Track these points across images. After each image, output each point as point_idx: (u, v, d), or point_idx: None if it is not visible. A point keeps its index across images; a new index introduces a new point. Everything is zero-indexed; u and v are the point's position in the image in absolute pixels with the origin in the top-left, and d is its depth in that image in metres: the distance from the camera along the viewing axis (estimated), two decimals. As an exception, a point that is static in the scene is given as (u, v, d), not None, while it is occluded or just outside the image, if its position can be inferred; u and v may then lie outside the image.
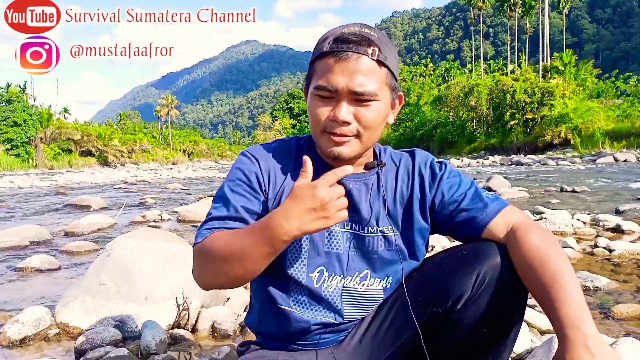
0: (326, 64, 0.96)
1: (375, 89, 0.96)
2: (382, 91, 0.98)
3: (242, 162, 1.07)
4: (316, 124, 1.00)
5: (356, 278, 1.06)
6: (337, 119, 0.96)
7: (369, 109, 0.97)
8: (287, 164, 1.07)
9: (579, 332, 0.81)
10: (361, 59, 0.94)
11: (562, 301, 0.85)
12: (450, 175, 1.09)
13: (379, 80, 0.97)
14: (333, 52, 0.95)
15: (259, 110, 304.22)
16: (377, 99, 0.97)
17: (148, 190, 11.32)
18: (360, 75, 0.95)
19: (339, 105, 0.96)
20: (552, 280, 0.88)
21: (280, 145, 1.12)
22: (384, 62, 0.97)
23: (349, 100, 0.96)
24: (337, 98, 0.97)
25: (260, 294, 1.10)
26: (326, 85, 0.96)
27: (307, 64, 1.05)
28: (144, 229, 3.15)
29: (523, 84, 35.41)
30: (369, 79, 0.95)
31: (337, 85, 0.95)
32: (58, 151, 43.57)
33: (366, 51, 0.95)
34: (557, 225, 3.89)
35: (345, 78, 0.94)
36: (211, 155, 75.54)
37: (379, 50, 0.96)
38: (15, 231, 4.28)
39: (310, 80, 1.02)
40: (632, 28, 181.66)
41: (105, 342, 1.74)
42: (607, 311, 2.03)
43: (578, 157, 23.04)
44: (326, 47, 0.96)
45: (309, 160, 0.94)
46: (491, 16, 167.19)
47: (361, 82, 0.95)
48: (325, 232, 1.04)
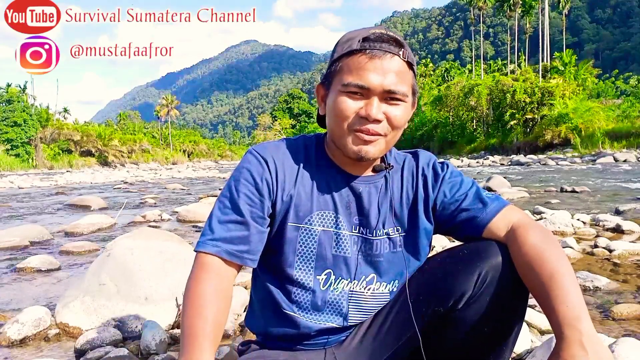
0: (357, 61, 0.95)
1: (406, 90, 0.97)
2: (409, 92, 0.99)
3: (250, 162, 1.04)
4: (342, 121, 0.98)
5: (362, 282, 1.06)
6: (369, 117, 0.95)
7: (398, 108, 0.98)
8: (296, 165, 1.05)
9: (576, 331, 0.81)
10: (394, 58, 0.95)
11: (560, 300, 0.85)
12: (452, 176, 1.10)
13: (408, 81, 0.98)
14: (365, 50, 0.95)
15: (258, 110, 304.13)
16: (406, 99, 0.98)
17: (148, 191, 11.32)
18: (394, 74, 0.95)
19: (371, 102, 0.96)
20: (551, 280, 0.88)
21: (288, 144, 1.08)
22: (413, 64, 0.98)
23: (380, 98, 0.96)
24: (367, 95, 0.96)
25: (261, 295, 1.10)
26: (358, 83, 0.95)
27: (307, 64, 1.06)
28: (144, 229, 3.15)
29: (523, 84, 35.42)
30: (402, 79, 0.96)
31: (371, 82, 0.94)
32: (58, 151, 43.59)
33: (398, 52, 0.95)
34: (557, 225, 3.88)
35: (379, 76, 0.94)
36: (211, 156, 75.50)
37: (408, 52, 0.97)
38: (15, 231, 4.28)
39: (332, 78, 1.00)
40: (632, 28, 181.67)
41: (105, 342, 1.73)
42: (607, 311, 2.02)
43: (578, 157, 23.02)
44: (356, 45, 0.96)
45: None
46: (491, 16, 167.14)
47: (395, 81, 0.95)
48: (334, 235, 1.04)
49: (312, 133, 1.14)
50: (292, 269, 1.03)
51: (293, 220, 1.02)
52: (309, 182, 1.04)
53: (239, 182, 1.02)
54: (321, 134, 1.12)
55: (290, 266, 1.03)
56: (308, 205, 1.03)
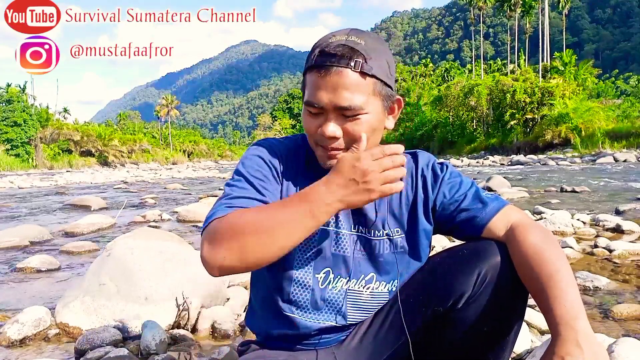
0: (312, 78, 0.95)
1: (361, 103, 0.93)
2: (370, 103, 0.95)
3: (260, 150, 1.05)
4: (310, 136, 1.01)
5: (361, 281, 1.06)
6: (324, 135, 0.95)
7: (357, 122, 0.95)
8: (298, 163, 1.07)
9: (572, 330, 0.81)
10: (343, 72, 0.91)
11: (557, 300, 0.85)
12: (451, 177, 1.10)
13: (365, 92, 0.93)
14: (318, 66, 0.93)
15: (258, 110, 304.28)
16: (365, 111, 0.94)
17: (148, 191, 11.32)
18: (343, 89, 0.92)
19: (326, 121, 0.95)
20: (549, 279, 0.88)
21: (289, 142, 1.10)
22: (369, 73, 0.93)
23: (337, 115, 0.94)
24: (324, 113, 0.95)
25: (261, 295, 1.10)
26: (312, 102, 0.95)
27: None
28: (144, 229, 3.15)
29: (523, 84, 35.42)
30: (354, 92, 0.92)
31: (322, 101, 0.93)
32: (58, 151, 43.62)
33: (348, 64, 0.91)
34: (557, 225, 3.88)
35: (329, 94, 0.92)
36: (211, 156, 75.53)
37: (363, 60, 0.92)
38: (15, 231, 4.28)
39: (303, 91, 1.01)
40: (632, 28, 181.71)
41: (105, 342, 1.73)
42: (607, 311, 2.02)
43: (578, 157, 23.02)
44: (312, 60, 0.95)
45: (364, 135, 0.92)
46: (491, 16, 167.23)
47: (345, 96, 0.92)
48: (333, 234, 1.04)
49: None
50: (292, 268, 1.03)
51: None
52: (309, 181, 1.04)
53: (252, 167, 1.01)
54: None
55: (290, 265, 1.03)
56: None
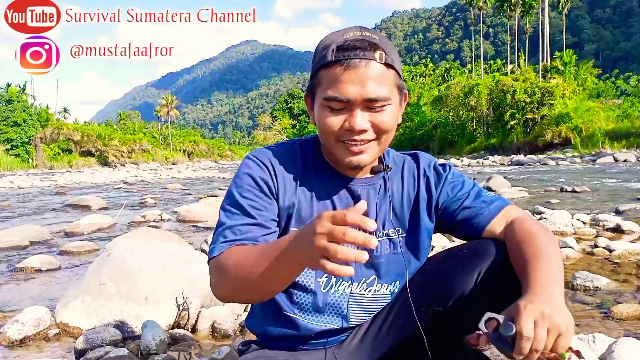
0: (333, 73, 0.92)
1: (387, 93, 0.94)
2: (393, 93, 0.96)
3: (250, 167, 1.03)
4: (329, 134, 0.97)
5: (363, 284, 1.06)
6: (354, 129, 0.94)
7: (383, 113, 0.95)
8: (294, 170, 1.05)
9: (544, 291, 0.82)
10: (370, 64, 0.91)
11: (538, 270, 0.87)
12: (454, 177, 1.11)
13: (389, 83, 0.95)
14: (339, 60, 0.92)
15: (258, 110, 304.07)
16: (390, 102, 0.96)
17: (148, 191, 11.32)
18: (371, 81, 0.92)
19: (354, 114, 0.94)
20: (534, 257, 0.90)
21: (285, 149, 1.08)
22: (392, 64, 0.95)
23: (363, 107, 0.94)
24: (349, 107, 0.94)
25: None
26: (337, 96, 0.93)
27: (307, 63, 1.04)
28: (144, 229, 3.15)
29: (523, 84, 35.40)
30: (381, 83, 0.93)
31: (349, 95, 0.92)
32: (58, 151, 43.61)
33: (373, 56, 0.92)
34: (557, 225, 3.88)
35: (356, 87, 0.91)
36: (211, 156, 75.49)
37: (384, 53, 0.93)
38: (15, 231, 4.28)
39: (314, 90, 0.99)
40: (632, 28, 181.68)
41: (105, 342, 1.74)
42: (607, 311, 2.02)
43: (578, 157, 23.00)
44: (330, 56, 0.93)
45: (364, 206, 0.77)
46: (491, 16, 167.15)
47: (374, 88, 0.92)
48: None
49: (311, 134, 1.13)
50: None
51: (295, 225, 1.03)
52: (308, 187, 1.05)
53: (242, 188, 1.00)
54: (318, 136, 1.12)
55: None
56: (309, 210, 1.03)
